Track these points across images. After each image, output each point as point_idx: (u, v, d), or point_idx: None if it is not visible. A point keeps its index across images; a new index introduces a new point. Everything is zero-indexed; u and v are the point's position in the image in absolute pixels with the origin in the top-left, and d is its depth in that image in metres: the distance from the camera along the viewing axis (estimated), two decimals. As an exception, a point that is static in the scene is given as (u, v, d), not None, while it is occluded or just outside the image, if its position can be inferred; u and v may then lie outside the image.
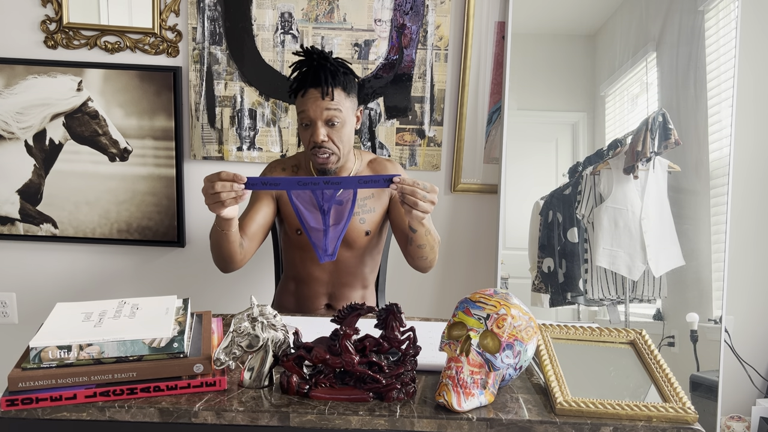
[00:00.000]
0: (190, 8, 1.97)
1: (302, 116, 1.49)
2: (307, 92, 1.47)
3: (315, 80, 1.46)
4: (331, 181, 1.30)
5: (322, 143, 1.47)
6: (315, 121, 1.47)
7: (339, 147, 1.50)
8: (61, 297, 2.12)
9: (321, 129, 1.47)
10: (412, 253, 1.55)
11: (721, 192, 1.95)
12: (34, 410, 0.99)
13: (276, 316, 1.08)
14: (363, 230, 1.59)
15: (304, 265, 1.64)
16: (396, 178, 1.30)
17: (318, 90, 1.46)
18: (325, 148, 1.48)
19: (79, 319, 1.11)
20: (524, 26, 1.98)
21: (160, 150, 2.03)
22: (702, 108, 1.98)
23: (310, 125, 1.48)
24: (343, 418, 1.00)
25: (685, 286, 2.00)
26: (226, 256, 1.47)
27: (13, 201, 2.06)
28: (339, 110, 1.47)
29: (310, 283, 1.65)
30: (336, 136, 1.48)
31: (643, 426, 1.00)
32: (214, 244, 1.47)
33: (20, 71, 1.97)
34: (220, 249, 1.46)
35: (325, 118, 1.46)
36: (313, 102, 1.46)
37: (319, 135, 1.46)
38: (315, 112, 1.46)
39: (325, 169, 1.51)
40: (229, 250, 1.46)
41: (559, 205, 2.02)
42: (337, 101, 1.47)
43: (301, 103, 1.49)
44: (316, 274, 1.64)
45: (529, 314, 1.08)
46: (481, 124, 2.07)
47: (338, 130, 1.48)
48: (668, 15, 1.97)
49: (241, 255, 1.50)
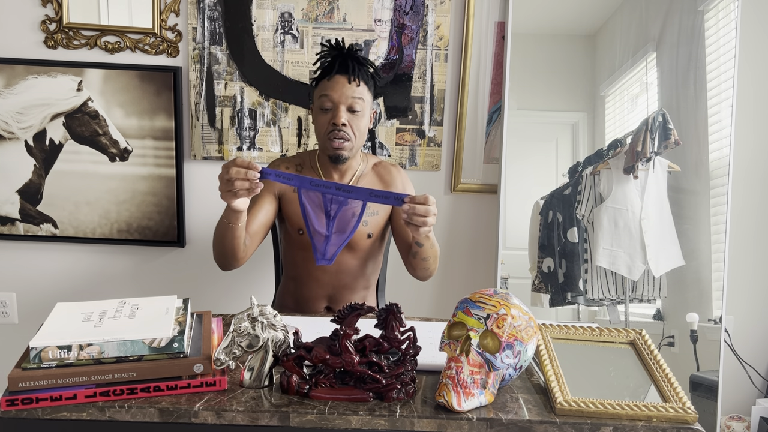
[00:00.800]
0: (190, 8, 1.97)
1: (323, 100, 1.50)
2: (332, 77, 1.50)
3: (343, 67, 1.50)
4: (344, 188, 1.31)
5: (342, 126, 1.48)
6: (338, 105, 1.49)
7: (356, 135, 1.51)
8: (61, 297, 2.12)
9: (343, 112, 1.49)
10: (416, 265, 1.56)
11: (721, 192, 1.95)
12: (34, 410, 0.99)
13: (276, 316, 1.08)
14: (365, 233, 1.59)
15: (305, 265, 1.63)
16: (407, 198, 1.29)
17: (345, 76, 1.49)
18: (344, 132, 1.49)
19: (79, 319, 1.11)
20: (524, 26, 1.98)
21: (160, 150, 2.03)
22: (702, 108, 1.98)
23: (331, 109, 1.50)
24: (343, 418, 1.00)
25: (685, 286, 2.00)
26: (229, 251, 1.46)
27: (13, 201, 2.06)
28: (362, 99, 1.51)
29: (311, 285, 1.64)
30: (355, 123, 1.50)
31: (643, 426, 1.00)
32: (218, 237, 1.47)
33: (20, 71, 1.97)
34: (224, 243, 1.45)
35: (348, 104, 1.49)
36: (340, 86, 1.49)
37: (341, 117, 1.48)
38: (340, 96, 1.49)
39: (338, 155, 1.51)
40: (233, 246, 1.45)
41: (559, 205, 2.02)
42: (361, 91, 1.50)
43: (325, 87, 1.50)
44: (316, 275, 1.63)
45: (529, 314, 1.08)
46: (481, 124, 2.07)
47: (358, 119, 1.51)
48: (668, 15, 1.97)
49: (243, 252, 1.49)
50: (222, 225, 1.43)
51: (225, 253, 1.48)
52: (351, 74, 1.49)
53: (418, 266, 1.56)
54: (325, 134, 1.51)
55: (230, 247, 1.46)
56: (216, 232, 1.48)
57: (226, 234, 1.43)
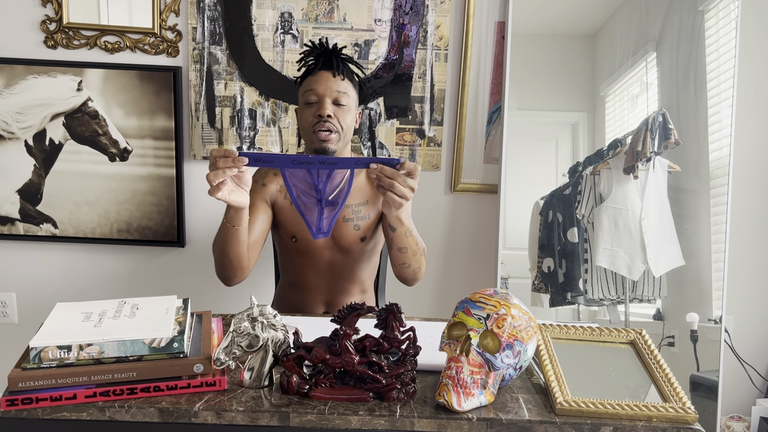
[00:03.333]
0: (190, 8, 1.97)
1: (308, 94, 1.48)
2: (317, 73, 1.49)
3: (327, 64, 1.49)
4: (327, 161, 1.25)
5: (327, 117, 1.46)
6: (323, 97, 1.47)
7: (342, 127, 1.48)
8: (61, 297, 2.12)
9: (329, 104, 1.46)
10: (393, 258, 1.50)
11: (721, 192, 1.95)
12: (34, 410, 0.99)
13: (276, 316, 1.08)
14: (358, 236, 1.57)
15: (301, 271, 1.61)
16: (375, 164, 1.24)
17: (329, 71, 1.48)
18: (330, 123, 1.46)
19: (79, 319, 1.11)
20: (524, 26, 1.98)
21: (160, 150, 2.03)
22: (702, 108, 1.98)
23: (316, 102, 1.48)
24: (343, 418, 1.00)
25: (685, 286, 2.00)
26: (234, 259, 1.41)
27: (13, 201, 2.06)
28: (347, 94, 1.49)
29: (308, 290, 1.63)
30: (341, 116, 1.48)
31: (643, 426, 1.00)
32: (220, 248, 1.42)
33: (20, 71, 1.97)
34: (227, 251, 1.40)
35: (333, 97, 1.47)
36: (324, 80, 1.47)
37: (327, 107, 1.45)
38: (324, 89, 1.47)
39: (325, 148, 1.47)
40: (238, 253, 1.40)
41: (559, 205, 2.02)
42: (345, 86, 1.49)
43: (310, 82, 1.49)
44: (313, 281, 1.61)
45: (529, 314, 1.08)
46: (481, 124, 2.07)
47: (344, 112, 1.48)
48: (668, 15, 1.97)
49: (248, 261, 1.45)
50: (224, 231, 1.39)
51: (229, 264, 1.43)
52: (335, 69, 1.48)
53: (396, 259, 1.49)
54: (310, 127, 1.48)
55: (235, 255, 1.41)
56: (217, 242, 1.43)
57: (229, 240, 1.38)
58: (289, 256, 1.63)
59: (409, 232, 1.46)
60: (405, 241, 1.46)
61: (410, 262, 1.49)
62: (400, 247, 1.46)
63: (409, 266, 1.50)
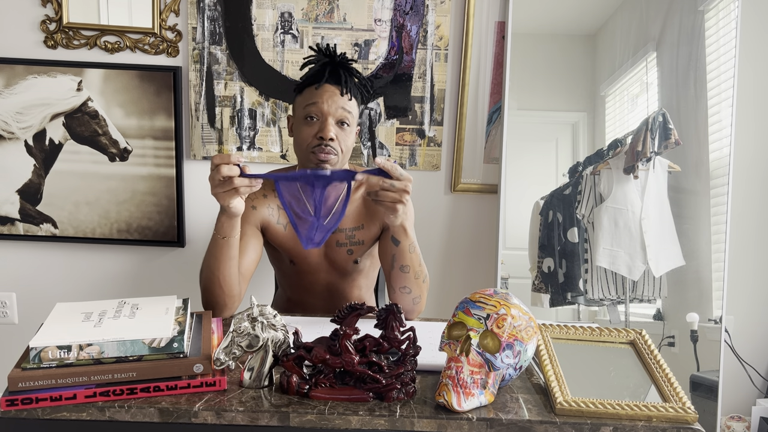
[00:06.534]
0: (190, 8, 1.97)
1: (310, 109, 1.38)
2: (322, 86, 1.38)
3: (334, 77, 1.39)
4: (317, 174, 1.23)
5: (330, 141, 1.36)
6: (327, 117, 1.37)
7: (342, 150, 1.40)
8: (61, 297, 2.11)
9: (332, 125, 1.37)
10: (394, 280, 1.40)
11: (721, 192, 1.95)
12: (34, 410, 0.98)
13: (276, 316, 1.08)
14: (351, 260, 1.53)
15: (299, 290, 1.59)
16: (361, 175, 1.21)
17: (336, 87, 1.38)
18: (331, 147, 1.37)
19: (79, 319, 1.11)
20: (524, 26, 1.98)
21: (160, 150, 2.03)
22: (702, 108, 1.98)
23: (318, 120, 1.38)
24: (343, 418, 0.99)
25: (685, 286, 2.00)
26: (224, 283, 1.33)
27: (13, 201, 2.06)
28: (351, 113, 1.40)
29: (304, 307, 1.61)
30: (342, 139, 1.39)
31: (643, 426, 1.00)
32: (210, 269, 1.34)
33: (20, 71, 1.97)
34: (217, 273, 1.32)
35: (338, 117, 1.38)
36: (330, 96, 1.37)
37: (330, 130, 1.36)
38: (330, 107, 1.37)
39: (323, 168, 1.39)
40: (229, 274, 1.33)
41: (559, 205, 2.02)
42: (351, 105, 1.40)
43: (313, 95, 1.38)
44: (311, 302, 1.59)
45: (529, 314, 1.08)
46: (481, 124, 2.07)
47: (346, 134, 1.40)
48: (668, 15, 1.97)
49: (238, 288, 1.37)
50: (214, 247, 1.31)
51: (219, 290, 1.34)
52: (343, 86, 1.38)
53: (396, 281, 1.39)
54: (309, 147, 1.38)
55: (225, 277, 1.33)
56: (205, 266, 1.35)
57: (220, 257, 1.31)
58: (286, 278, 1.61)
59: (413, 247, 1.38)
60: (408, 258, 1.38)
61: (411, 287, 1.40)
62: (402, 266, 1.38)
63: (409, 292, 1.41)
